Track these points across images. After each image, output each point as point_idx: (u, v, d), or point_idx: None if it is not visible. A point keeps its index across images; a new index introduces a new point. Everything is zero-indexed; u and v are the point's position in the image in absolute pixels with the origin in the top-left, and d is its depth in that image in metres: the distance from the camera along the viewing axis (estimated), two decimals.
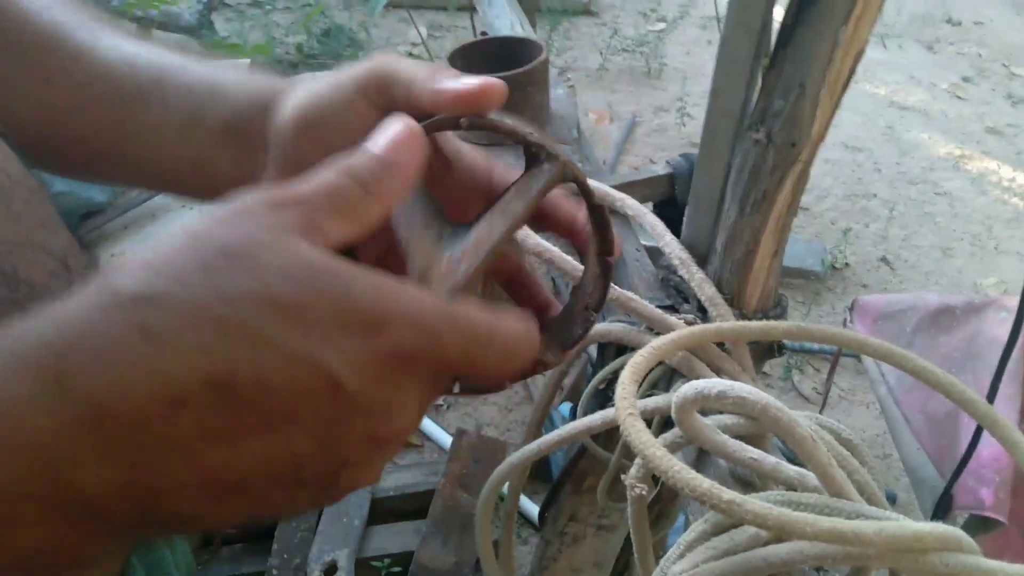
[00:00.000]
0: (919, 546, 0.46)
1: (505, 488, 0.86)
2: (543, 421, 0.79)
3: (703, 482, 0.47)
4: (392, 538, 1.32)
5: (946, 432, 0.85)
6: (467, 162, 0.37)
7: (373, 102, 0.33)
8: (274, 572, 1.25)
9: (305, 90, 0.34)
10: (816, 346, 1.83)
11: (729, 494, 0.47)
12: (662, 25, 3.59)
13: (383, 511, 1.36)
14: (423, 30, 3.49)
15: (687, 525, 0.80)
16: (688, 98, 2.86)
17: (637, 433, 0.51)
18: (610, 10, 3.79)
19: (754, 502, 0.46)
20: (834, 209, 2.46)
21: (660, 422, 0.63)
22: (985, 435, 0.82)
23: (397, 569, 1.29)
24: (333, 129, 0.33)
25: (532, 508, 1.47)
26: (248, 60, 1.04)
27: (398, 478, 1.40)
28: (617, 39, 3.34)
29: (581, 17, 3.66)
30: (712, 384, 0.50)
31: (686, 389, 0.51)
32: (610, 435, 0.70)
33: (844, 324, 1.09)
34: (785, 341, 0.70)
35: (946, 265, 2.24)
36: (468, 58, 0.86)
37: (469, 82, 0.32)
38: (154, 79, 0.37)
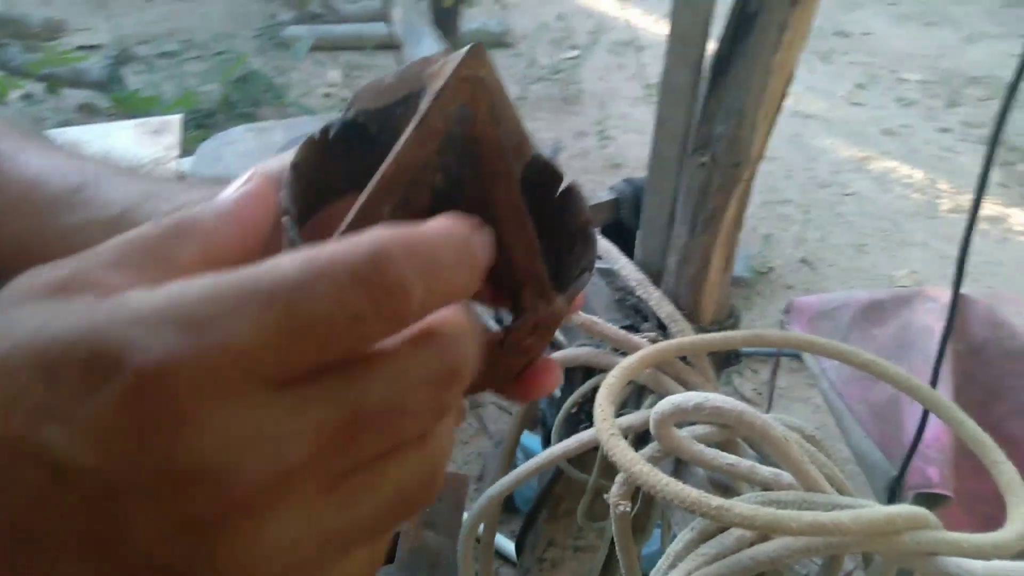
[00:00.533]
0: (891, 528, 0.49)
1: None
2: (515, 451, 0.80)
3: (691, 492, 0.50)
4: None
5: (889, 419, 0.90)
6: None
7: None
8: None
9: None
10: (753, 350, 1.91)
11: (717, 501, 0.49)
12: (575, 52, 3.69)
13: None
14: (338, 72, 3.50)
15: (663, 538, 0.82)
16: (608, 121, 2.96)
17: (622, 452, 0.54)
18: (524, 40, 3.88)
19: (741, 505, 0.48)
20: (753, 216, 2.58)
21: (634, 438, 0.65)
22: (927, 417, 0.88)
23: None
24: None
25: (503, 541, 1.47)
26: (169, 117, 1.02)
27: None
28: (534, 68, 3.43)
29: (497, 49, 3.74)
30: (688, 398, 0.52)
31: (663, 405, 0.53)
32: (582, 458, 0.72)
33: (781, 326, 1.15)
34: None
35: (861, 261, 2.37)
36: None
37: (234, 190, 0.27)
38: (78, 184, 0.34)
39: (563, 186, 0.32)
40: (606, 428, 0.55)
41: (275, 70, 3.38)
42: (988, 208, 2.59)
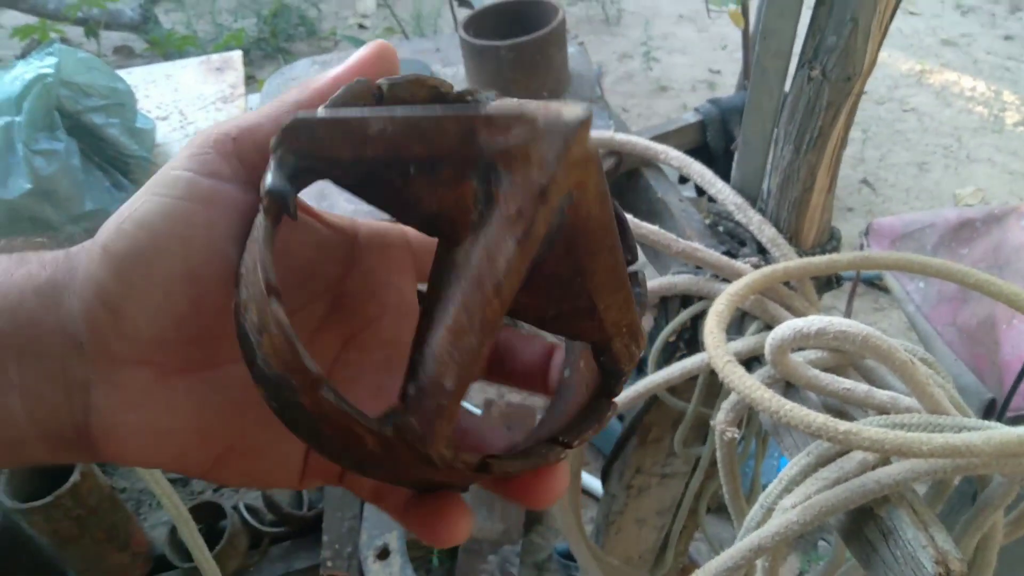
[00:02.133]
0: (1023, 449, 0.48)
1: None
2: None
3: (817, 417, 0.49)
4: None
5: (982, 341, 0.88)
6: (374, 232, 0.29)
7: (221, 172, 0.23)
8: (328, 563, 1.26)
9: (111, 227, 0.23)
10: None
11: (844, 425, 0.48)
12: None
13: None
14: (371, 2, 3.41)
15: (756, 463, 0.82)
16: (651, 42, 2.85)
17: (740, 378, 0.53)
18: None
19: (869, 429, 0.48)
20: None
21: (741, 364, 0.64)
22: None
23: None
24: (176, 244, 0.22)
25: (587, 478, 1.51)
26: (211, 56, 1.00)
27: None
28: None
29: None
30: (810, 322, 0.51)
31: (783, 330, 0.52)
32: (674, 386, 0.72)
33: (861, 249, 1.12)
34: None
35: (924, 180, 2.29)
36: (479, 26, 0.85)
37: (358, 53, 0.25)
38: None
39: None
40: (720, 355, 0.55)
41: (306, 2, 3.31)
42: None
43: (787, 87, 0.64)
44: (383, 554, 1.27)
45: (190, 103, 0.98)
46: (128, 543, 1.21)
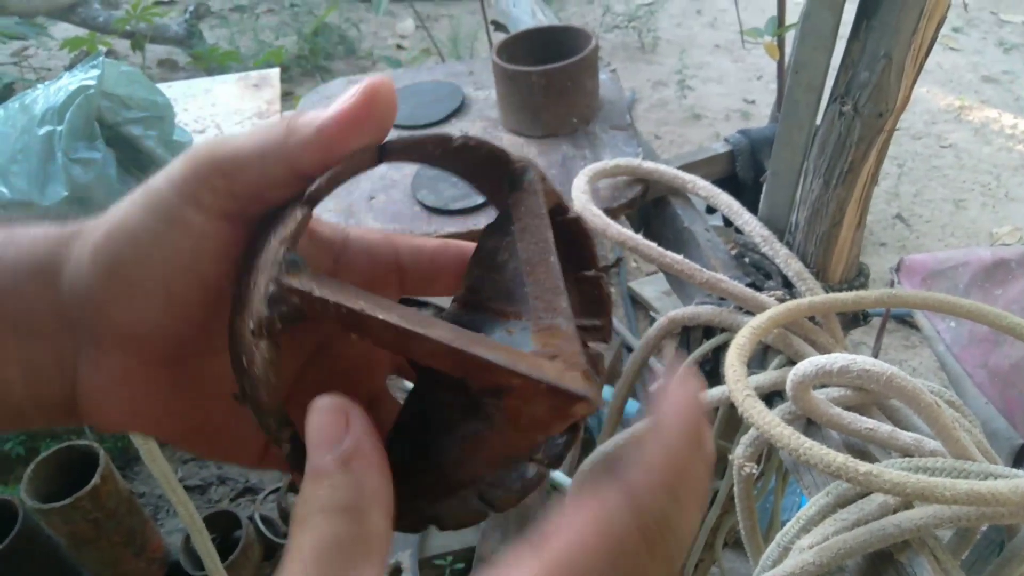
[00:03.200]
0: None
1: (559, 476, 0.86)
2: (623, 409, 0.79)
3: (837, 456, 0.48)
4: (452, 535, 1.32)
5: (1015, 384, 0.85)
6: (363, 243, 0.30)
7: (209, 206, 0.24)
8: None
9: (102, 229, 0.24)
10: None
11: (865, 466, 0.47)
12: None
13: None
14: (409, 23, 3.47)
15: (775, 499, 0.80)
16: (686, 70, 2.86)
17: (760, 414, 0.52)
18: None
19: (891, 472, 0.47)
20: None
21: (761, 398, 0.64)
22: None
23: (460, 566, 1.30)
24: (158, 264, 0.24)
25: None
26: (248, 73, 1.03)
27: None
28: (609, 16, 3.33)
29: None
30: (833, 360, 0.50)
31: (805, 367, 0.51)
32: None
33: (891, 285, 1.10)
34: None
35: (960, 217, 2.25)
36: (513, 51, 0.86)
37: (348, 97, 0.24)
38: None
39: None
40: (741, 389, 0.54)
41: (346, 22, 3.37)
42: None
43: (818, 120, 0.63)
44: (396, 572, 1.27)
45: (227, 118, 1.00)
46: (144, 548, 1.22)
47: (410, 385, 0.29)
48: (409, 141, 0.25)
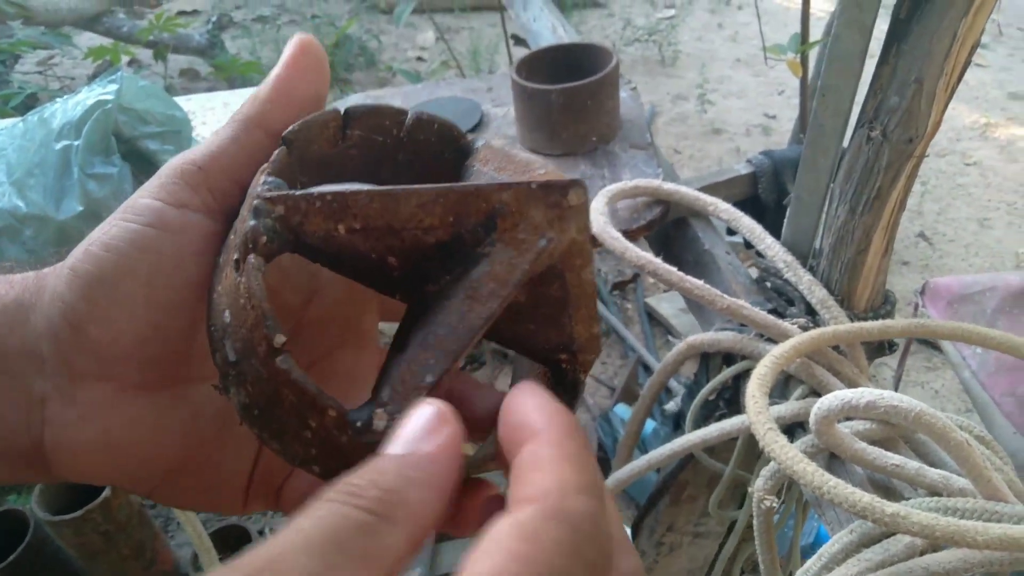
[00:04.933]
0: None
1: None
2: (639, 437, 0.78)
3: (862, 496, 0.46)
4: (462, 553, 1.31)
5: None
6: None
7: (187, 202, 0.24)
8: None
9: (80, 249, 0.24)
10: None
11: (892, 507, 0.45)
12: (671, 12, 3.56)
13: None
14: (430, 35, 3.48)
15: (795, 531, 0.78)
16: (707, 84, 2.84)
17: (781, 448, 0.50)
18: (617, 1, 3.77)
19: (920, 513, 0.45)
20: None
21: (782, 430, 0.62)
22: None
23: None
24: (140, 267, 0.23)
25: None
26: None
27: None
28: (629, 29, 3.32)
29: (589, 9, 3.64)
30: (859, 394, 0.48)
31: (830, 401, 0.50)
32: (713, 445, 0.69)
33: (915, 309, 1.07)
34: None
35: (984, 236, 2.21)
36: (532, 68, 0.85)
37: (286, 53, 0.27)
38: None
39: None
40: (762, 421, 0.52)
41: (367, 33, 3.39)
42: None
43: (844, 144, 0.62)
44: None
45: None
46: (154, 561, 1.22)
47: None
48: (371, 107, 0.27)
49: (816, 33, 1.38)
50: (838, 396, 0.49)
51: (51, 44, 2.27)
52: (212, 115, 1.03)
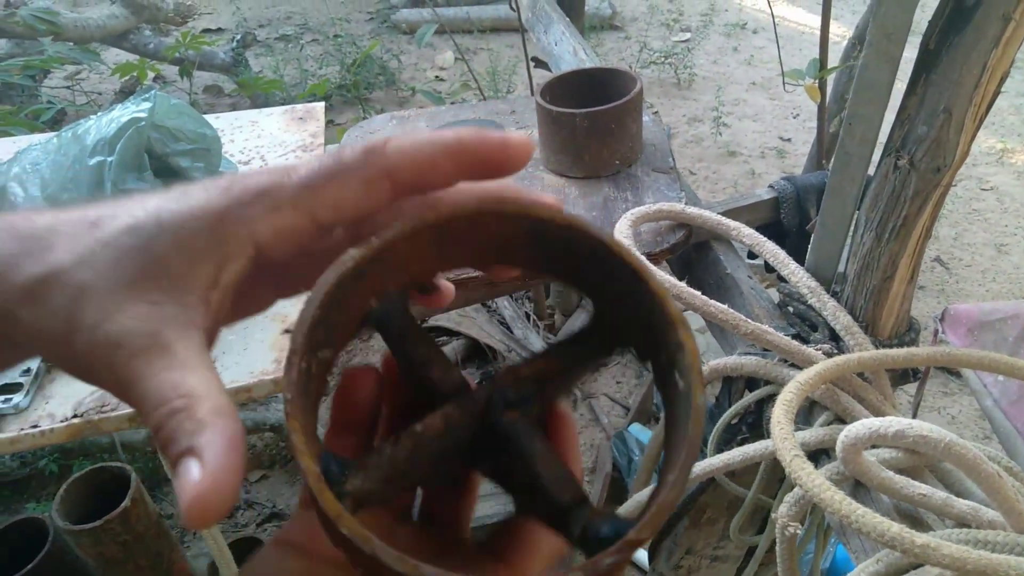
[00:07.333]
0: None
1: None
2: (659, 455, 0.78)
3: (891, 526, 0.46)
4: None
5: None
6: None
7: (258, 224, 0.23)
8: None
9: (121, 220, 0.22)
10: None
11: (922, 538, 0.45)
12: (687, 35, 3.58)
13: None
14: (449, 55, 3.52)
15: (816, 556, 0.78)
16: (722, 107, 2.85)
17: (808, 476, 0.50)
18: (633, 23, 3.79)
19: (950, 546, 0.45)
20: None
21: (806, 456, 0.62)
22: None
23: None
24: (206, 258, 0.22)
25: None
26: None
27: (478, 509, 1.39)
28: (645, 52, 3.34)
29: (606, 31, 3.67)
30: (888, 424, 0.48)
31: (858, 429, 0.50)
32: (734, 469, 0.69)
33: (935, 335, 1.07)
34: None
35: (1002, 262, 2.20)
36: (556, 91, 0.86)
37: (477, 136, 0.23)
38: None
39: None
40: (789, 448, 0.52)
41: (387, 52, 3.43)
42: None
43: (870, 171, 0.62)
44: None
45: (272, 149, 1.01)
46: (170, 572, 1.22)
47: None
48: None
49: (833, 58, 1.39)
50: (866, 424, 0.49)
51: (80, 60, 2.31)
52: (240, 133, 1.05)
